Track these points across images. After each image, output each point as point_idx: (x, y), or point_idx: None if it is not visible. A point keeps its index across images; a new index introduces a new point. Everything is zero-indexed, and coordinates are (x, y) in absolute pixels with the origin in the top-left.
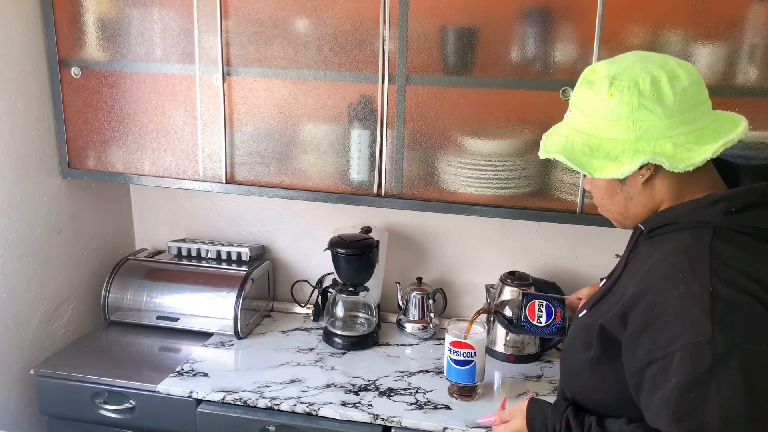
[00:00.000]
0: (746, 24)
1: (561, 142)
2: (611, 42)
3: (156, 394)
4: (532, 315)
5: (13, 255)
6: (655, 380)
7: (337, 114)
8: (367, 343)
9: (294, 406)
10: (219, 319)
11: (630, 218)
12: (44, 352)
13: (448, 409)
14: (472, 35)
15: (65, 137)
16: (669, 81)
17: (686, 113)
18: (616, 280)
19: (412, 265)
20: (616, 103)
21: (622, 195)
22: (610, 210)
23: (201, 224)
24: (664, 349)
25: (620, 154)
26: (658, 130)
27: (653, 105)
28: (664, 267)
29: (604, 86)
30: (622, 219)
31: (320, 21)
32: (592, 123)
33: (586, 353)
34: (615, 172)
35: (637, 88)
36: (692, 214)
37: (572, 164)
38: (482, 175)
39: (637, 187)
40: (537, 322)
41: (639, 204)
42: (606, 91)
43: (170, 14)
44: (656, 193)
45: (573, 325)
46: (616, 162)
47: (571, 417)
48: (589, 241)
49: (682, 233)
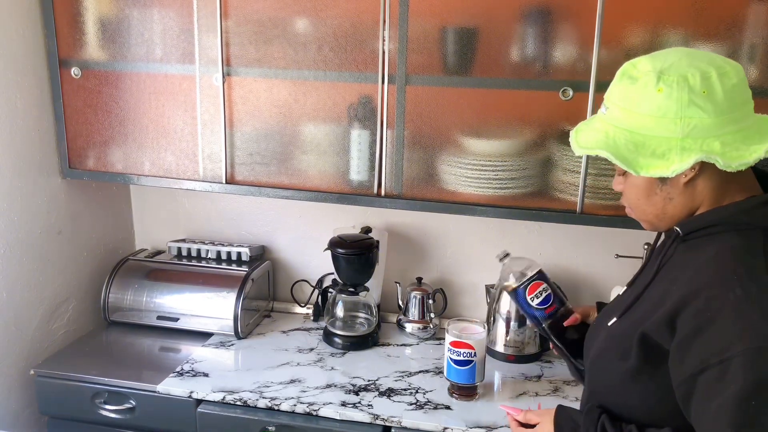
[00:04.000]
0: (746, 24)
1: (601, 138)
2: (611, 42)
3: (156, 394)
4: (531, 290)
5: (13, 255)
6: (709, 388)
7: (337, 114)
8: (367, 343)
9: (294, 406)
10: (219, 319)
11: (666, 220)
12: (44, 352)
13: (448, 409)
14: (471, 35)
15: (65, 137)
16: (719, 77)
17: (734, 112)
18: (647, 285)
19: (412, 265)
20: (663, 99)
21: (662, 195)
22: (645, 211)
23: (201, 224)
24: (721, 355)
25: (667, 151)
26: (706, 128)
27: (703, 102)
28: (714, 269)
29: (651, 81)
30: (657, 221)
31: (320, 21)
32: (635, 120)
33: (623, 363)
34: (664, 170)
35: (687, 84)
36: (739, 216)
37: (618, 161)
38: (482, 175)
39: (678, 188)
40: (530, 298)
41: (678, 205)
42: (653, 87)
43: (170, 14)
44: (697, 194)
45: (599, 335)
46: (664, 160)
47: (607, 424)
48: (589, 241)
49: (726, 235)
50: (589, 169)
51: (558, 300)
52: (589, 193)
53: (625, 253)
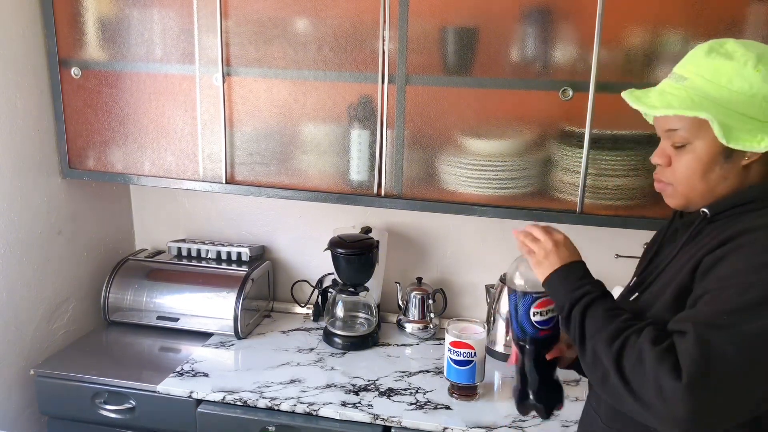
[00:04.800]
0: (746, 24)
1: (687, 102)
2: (611, 42)
3: (156, 394)
4: (540, 305)
5: (13, 255)
6: (720, 296)
7: (337, 114)
8: (367, 343)
9: (294, 406)
10: (219, 319)
11: (707, 198)
12: (44, 352)
13: (448, 409)
14: (471, 35)
15: (65, 137)
16: None
17: None
18: (671, 260)
19: (412, 265)
20: (760, 80)
21: (719, 173)
22: (694, 187)
23: (201, 224)
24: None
25: (753, 129)
26: None
27: None
28: (743, 233)
29: (751, 61)
30: (699, 198)
31: (320, 21)
32: (724, 93)
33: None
34: (755, 144)
35: None
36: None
37: (717, 125)
38: (482, 175)
39: (737, 169)
40: (533, 312)
41: (728, 186)
42: (753, 66)
43: (170, 14)
44: (750, 177)
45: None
46: (752, 136)
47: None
48: (589, 241)
49: (754, 213)
50: (589, 169)
51: (556, 328)
52: (589, 193)
53: (625, 253)
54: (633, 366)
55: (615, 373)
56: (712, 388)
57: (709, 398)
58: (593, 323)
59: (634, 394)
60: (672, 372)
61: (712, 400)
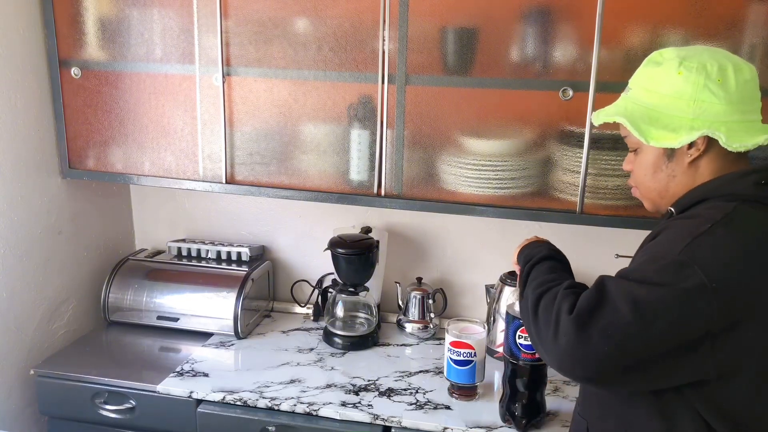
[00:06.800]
0: (746, 24)
1: (620, 110)
2: (611, 42)
3: (156, 394)
4: (524, 331)
5: (14, 255)
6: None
7: (337, 114)
8: (367, 343)
9: (294, 406)
10: (219, 319)
11: (667, 198)
12: (44, 352)
13: (448, 409)
14: (471, 35)
15: (65, 137)
16: (734, 70)
17: (743, 104)
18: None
19: (412, 265)
20: (682, 81)
21: (666, 172)
22: (649, 188)
23: (201, 224)
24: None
25: (678, 128)
26: (715, 113)
27: (717, 88)
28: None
29: (674, 65)
30: (659, 198)
31: (320, 21)
32: (654, 98)
33: None
34: (672, 141)
35: (705, 71)
36: (724, 187)
37: (632, 127)
38: (482, 175)
39: (682, 167)
40: (519, 335)
41: (680, 183)
42: (675, 70)
43: (170, 14)
44: (699, 174)
45: None
46: (674, 134)
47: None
48: (589, 241)
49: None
50: (589, 169)
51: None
52: (589, 193)
53: (625, 253)
54: (545, 306)
55: (532, 312)
56: (596, 329)
57: (591, 338)
58: (535, 274)
59: (539, 333)
60: (570, 308)
61: (594, 340)
